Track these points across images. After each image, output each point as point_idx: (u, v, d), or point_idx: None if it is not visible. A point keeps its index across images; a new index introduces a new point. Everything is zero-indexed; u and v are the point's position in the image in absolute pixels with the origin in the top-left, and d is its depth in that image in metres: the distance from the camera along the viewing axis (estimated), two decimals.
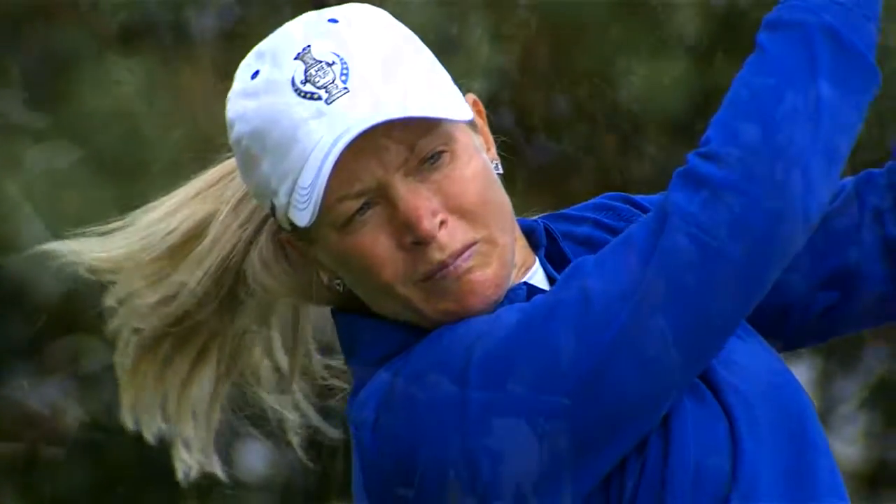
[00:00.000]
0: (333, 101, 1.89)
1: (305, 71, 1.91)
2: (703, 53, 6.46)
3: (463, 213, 1.92)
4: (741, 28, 6.33)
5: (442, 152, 1.92)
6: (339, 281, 1.99)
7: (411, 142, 1.90)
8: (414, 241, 1.90)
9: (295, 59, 1.92)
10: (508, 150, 2.20)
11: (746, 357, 1.99)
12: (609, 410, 1.87)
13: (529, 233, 2.06)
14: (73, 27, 7.56)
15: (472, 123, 1.99)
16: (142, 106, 6.47)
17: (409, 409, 1.91)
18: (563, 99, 8.09)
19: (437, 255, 1.91)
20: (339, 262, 1.94)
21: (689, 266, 1.86)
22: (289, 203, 1.91)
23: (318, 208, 1.88)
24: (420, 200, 1.90)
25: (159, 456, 3.69)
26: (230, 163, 2.14)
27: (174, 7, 7.51)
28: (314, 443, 3.53)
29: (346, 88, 1.89)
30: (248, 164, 1.97)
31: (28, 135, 5.47)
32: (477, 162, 1.96)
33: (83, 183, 5.91)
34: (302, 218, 1.90)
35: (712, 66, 6.37)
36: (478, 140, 1.99)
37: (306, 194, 1.88)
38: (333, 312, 2.11)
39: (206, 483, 3.17)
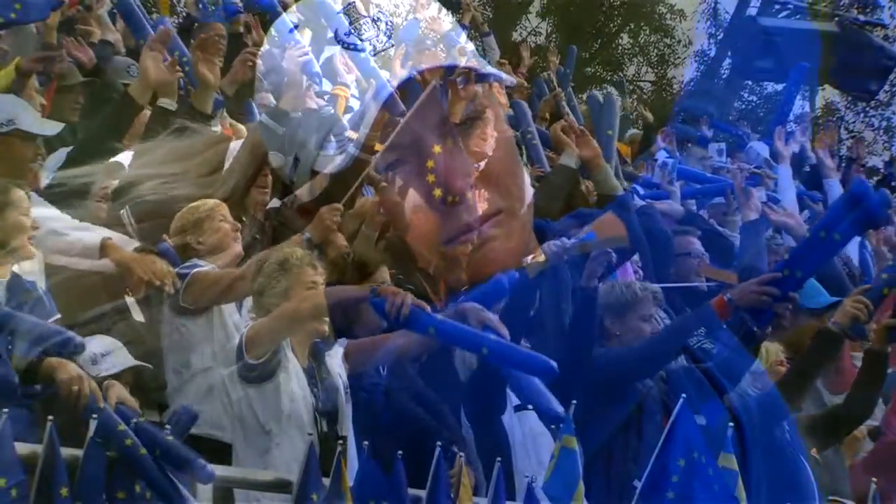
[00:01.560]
0: (377, 53, 1.90)
1: (350, 24, 1.92)
2: None
3: (491, 180, 1.95)
4: None
5: (477, 119, 1.95)
6: (348, 251, 2.00)
7: (450, 105, 1.92)
8: (443, 199, 1.92)
9: (339, 13, 1.93)
10: None
11: (744, 369, 2.07)
12: (605, 375, 1.92)
13: (540, 231, 2.11)
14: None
15: (502, 103, 2.01)
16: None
17: (422, 372, 1.95)
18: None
19: (465, 217, 1.93)
20: (359, 222, 1.92)
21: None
22: (317, 153, 1.91)
23: (349, 159, 1.88)
24: (453, 160, 1.92)
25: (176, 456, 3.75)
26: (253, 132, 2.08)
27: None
28: (325, 440, 3.59)
29: (390, 42, 1.90)
30: (276, 119, 1.96)
31: (42, 142, 5.54)
32: (507, 137, 1.99)
33: None
34: (327, 164, 1.89)
35: None
36: (506, 121, 2.02)
37: (339, 143, 1.88)
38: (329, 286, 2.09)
39: (223, 486, 3.25)
